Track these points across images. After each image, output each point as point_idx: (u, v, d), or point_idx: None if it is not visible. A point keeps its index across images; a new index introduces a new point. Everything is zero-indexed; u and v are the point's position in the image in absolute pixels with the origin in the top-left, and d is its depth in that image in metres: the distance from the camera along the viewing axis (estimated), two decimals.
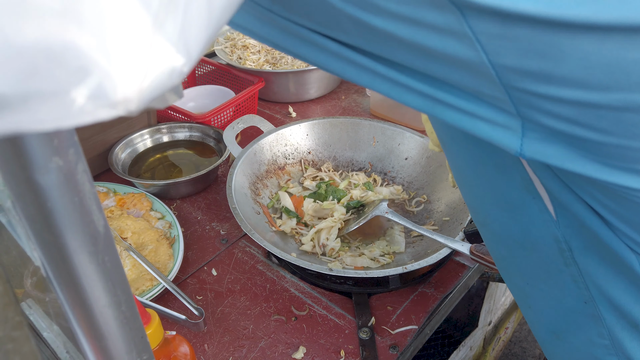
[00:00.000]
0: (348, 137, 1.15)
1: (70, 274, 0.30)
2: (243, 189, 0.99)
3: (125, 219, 0.94)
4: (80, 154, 0.27)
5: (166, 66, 0.21)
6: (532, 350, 1.21)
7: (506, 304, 1.34)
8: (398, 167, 1.11)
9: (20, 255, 0.60)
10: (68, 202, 0.27)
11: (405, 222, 0.91)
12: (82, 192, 0.28)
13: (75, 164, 0.27)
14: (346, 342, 0.80)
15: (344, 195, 1.03)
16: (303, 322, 0.83)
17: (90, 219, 0.29)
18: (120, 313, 0.33)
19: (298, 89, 1.39)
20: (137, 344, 0.35)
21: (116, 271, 0.32)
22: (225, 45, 1.47)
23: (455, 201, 0.97)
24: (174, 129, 1.20)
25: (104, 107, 0.19)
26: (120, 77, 0.19)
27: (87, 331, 0.33)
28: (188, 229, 1.02)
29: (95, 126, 1.07)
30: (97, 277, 0.31)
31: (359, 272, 0.80)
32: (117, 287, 0.32)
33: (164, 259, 0.89)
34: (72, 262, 0.29)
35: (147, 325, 0.52)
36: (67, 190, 0.27)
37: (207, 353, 0.78)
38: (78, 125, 0.21)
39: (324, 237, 0.96)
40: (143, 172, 1.13)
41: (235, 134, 1.08)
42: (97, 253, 0.30)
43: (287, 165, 1.12)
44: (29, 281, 0.64)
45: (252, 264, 0.94)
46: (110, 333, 0.34)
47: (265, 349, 0.79)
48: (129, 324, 0.34)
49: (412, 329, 0.81)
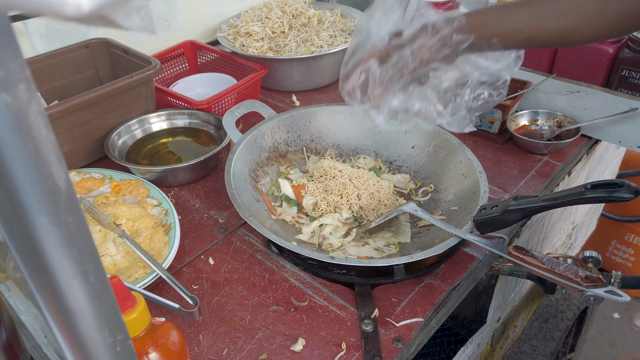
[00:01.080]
0: (352, 124, 1.11)
1: (27, 236, 0.26)
2: (242, 175, 0.96)
3: (120, 205, 0.91)
4: (34, 91, 0.23)
5: None
6: (543, 349, 1.16)
7: (515, 301, 1.29)
8: (404, 155, 1.07)
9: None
10: (20, 149, 0.23)
11: (436, 222, 0.83)
12: (38, 139, 0.24)
13: (28, 102, 0.23)
14: (348, 334, 0.76)
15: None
16: (303, 313, 0.79)
17: (49, 172, 0.25)
18: (88, 285, 0.29)
19: (302, 77, 1.35)
20: (109, 322, 0.31)
21: (82, 236, 0.28)
22: (228, 33, 1.43)
23: (464, 190, 0.92)
24: (174, 115, 1.17)
25: None
26: None
27: (51, 305, 0.29)
28: (185, 216, 0.98)
29: (92, 111, 1.04)
30: (59, 242, 0.27)
31: (362, 261, 0.76)
32: (83, 255, 0.28)
33: (159, 247, 0.85)
34: (29, 222, 0.25)
35: (131, 309, 0.48)
36: (18, 135, 0.23)
37: (201, 344, 0.75)
38: (11, 4, 0.17)
39: (327, 232, 0.92)
40: (141, 159, 1.10)
41: (235, 119, 1.04)
42: (58, 213, 0.26)
43: (289, 152, 1.08)
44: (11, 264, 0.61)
45: (250, 253, 0.90)
46: (78, 308, 0.30)
47: (262, 340, 0.75)
48: (99, 298, 0.30)
49: (417, 322, 0.77)
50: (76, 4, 0.16)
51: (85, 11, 0.17)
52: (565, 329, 1.25)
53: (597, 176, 1.45)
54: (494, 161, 1.12)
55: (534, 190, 1.03)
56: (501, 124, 1.15)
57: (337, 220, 0.93)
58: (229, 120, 1.03)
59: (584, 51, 1.14)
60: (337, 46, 1.34)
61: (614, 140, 1.14)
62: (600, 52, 1.12)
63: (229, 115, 1.04)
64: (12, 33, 0.21)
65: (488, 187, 0.88)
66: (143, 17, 0.23)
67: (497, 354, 1.33)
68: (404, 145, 1.07)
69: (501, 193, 1.02)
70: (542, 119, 1.19)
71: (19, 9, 0.17)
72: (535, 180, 1.06)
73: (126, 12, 0.21)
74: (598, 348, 1.93)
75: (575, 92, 1.15)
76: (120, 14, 0.19)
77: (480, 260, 0.87)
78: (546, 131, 1.17)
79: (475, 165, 0.93)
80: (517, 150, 1.15)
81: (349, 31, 1.43)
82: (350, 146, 1.11)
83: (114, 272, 0.82)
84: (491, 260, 0.89)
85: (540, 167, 1.10)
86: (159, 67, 1.10)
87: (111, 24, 0.21)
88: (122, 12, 0.20)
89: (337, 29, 1.41)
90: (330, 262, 0.78)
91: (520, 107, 1.23)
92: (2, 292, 0.53)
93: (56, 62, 1.15)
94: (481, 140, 1.18)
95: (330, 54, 1.32)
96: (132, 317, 0.48)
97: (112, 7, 0.19)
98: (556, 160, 1.11)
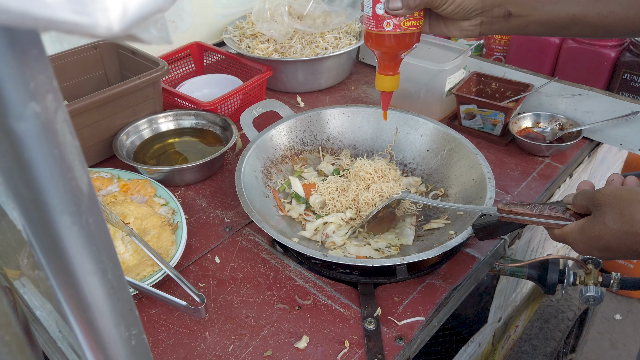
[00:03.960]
0: (369, 126, 1.12)
1: (51, 235, 0.28)
2: (254, 172, 0.98)
3: (129, 204, 0.93)
4: (61, 101, 0.25)
5: None
6: (543, 348, 1.18)
7: (517, 301, 1.30)
8: (419, 158, 1.08)
9: (16, 236, 0.59)
10: (47, 154, 0.25)
11: (425, 200, 0.87)
12: (63, 145, 0.26)
13: (55, 111, 0.24)
14: (351, 332, 0.77)
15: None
16: (307, 311, 0.81)
17: (72, 175, 0.27)
18: (107, 282, 0.31)
19: (307, 79, 1.37)
20: (125, 317, 0.33)
21: (102, 236, 0.29)
22: (234, 34, 1.45)
23: (471, 196, 0.93)
24: (180, 116, 1.19)
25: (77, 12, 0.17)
26: None
27: (71, 301, 0.31)
28: (192, 216, 1.00)
29: (101, 111, 1.06)
30: (81, 241, 0.29)
31: (355, 260, 0.78)
32: (102, 253, 0.30)
33: (167, 245, 0.87)
34: (53, 222, 0.27)
35: None
36: (45, 141, 0.25)
37: (207, 340, 0.76)
38: (47, 25, 0.18)
39: (331, 230, 0.93)
40: (148, 159, 1.12)
41: (253, 117, 1.07)
42: (80, 214, 0.28)
43: (304, 151, 1.10)
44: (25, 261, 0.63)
45: (256, 252, 0.92)
46: (97, 304, 0.32)
47: (267, 337, 0.77)
48: (116, 294, 0.32)
49: (419, 321, 0.78)
50: (107, 25, 0.18)
51: (116, 31, 0.19)
52: (565, 329, 1.26)
53: (600, 178, 1.46)
54: (496, 163, 1.13)
55: (535, 192, 1.04)
56: (503, 126, 1.16)
57: (341, 219, 0.95)
58: (246, 118, 1.05)
59: (586, 55, 1.15)
60: (341, 48, 1.36)
61: (615, 143, 1.15)
62: (602, 55, 1.13)
63: (247, 113, 1.06)
64: (42, 48, 0.23)
65: (495, 194, 0.89)
66: (160, 28, 0.24)
67: (498, 354, 1.34)
68: (420, 148, 1.08)
69: (503, 195, 1.04)
70: (544, 121, 1.20)
71: (54, 29, 0.19)
72: (536, 183, 1.07)
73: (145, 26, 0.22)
74: (599, 349, 1.94)
75: (577, 95, 1.16)
76: (147, 33, 0.21)
77: (481, 260, 0.88)
78: (548, 133, 1.19)
79: (485, 170, 0.93)
80: (519, 152, 1.16)
81: (353, 33, 1.44)
82: (367, 147, 1.12)
83: (122, 269, 0.84)
84: (492, 261, 0.90)
85: (542, 169, 1.11)
86: (166, 68, 1.12)
87: (135, 39, 0.23)
88: (150, 20, 0.22)
89: (341, 31, 1.42)
90: (328, 261, 0.79)
91: (522, 109, 1.24)
92: (17, 288, 0.55)
93: (65, 63, 1.17)
94: (483, 142, 1.20)
95: (335, 56, 1.34)
96: None
97: (139, 26, 0.20)
98: (558, 162, 1.13)
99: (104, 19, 0.18)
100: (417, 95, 1.25)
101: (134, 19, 0.19)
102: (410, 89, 1.25)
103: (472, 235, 0.81)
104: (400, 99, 1.28)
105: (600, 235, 0.62)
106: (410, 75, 1.23)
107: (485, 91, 1.26)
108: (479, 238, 0.82)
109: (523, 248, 1.11)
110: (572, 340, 1.47)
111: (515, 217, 0.74)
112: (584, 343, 1.61)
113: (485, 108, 1.16)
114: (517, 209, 0.73)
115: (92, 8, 0.17)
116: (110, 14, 0.18)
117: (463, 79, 1.25)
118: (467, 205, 0.85)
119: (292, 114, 1.09)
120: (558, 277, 0.87)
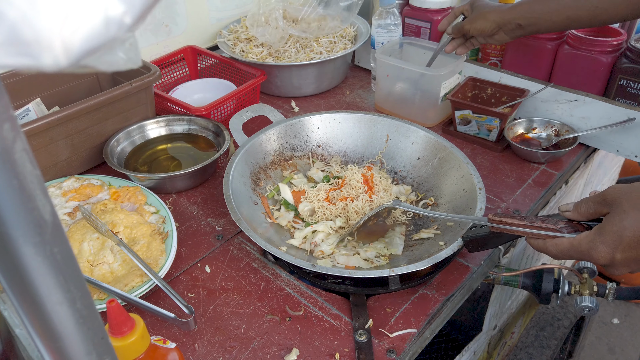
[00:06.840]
0: (361, 132, 1.11)
1: (15, 267, 0.27)
2: (243, 178, 0.96)
3: (118, 212, 0.91)
4: (19, 130, 0.24)
5: (100, 14, 0.18)
6: (539, 357, 1.17)
7: (512, 308, 1.29)
8: (409, 166, 1.07)
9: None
10: (6, 185, 0.24)
11: (416, 209, 0.86)
12: (23, 175, 0.24)
13: (13, 141, 0.23)
14: (342, 344, 0.76)
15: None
16: (297, 322, 0.80)
17: (34, 205, 0.25)
18: (76, 311, 0.30)
19: (301, 83, 1.36)
20: (96, 345, 0.32)
21: (68, 264, 0.28)
22: (228, 38, 1.44)
23: (461, 206, 0.92)
24: (173, 122, 1.18)
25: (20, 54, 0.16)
26: (39, 21, 0.16)
27: (40, 331, 0.30)
28: (183, 224, 0.99)
29: (92, 118, 1.05)
30: (46, 271, 0.28)
31: (343, 271, 0.76)
32: (69, 283, 0.29)
33: (156, 255, 0.86)
34: (16, 253, 0.26)
35: (130, 332, 0.49)
36: (3, 172, 0.24)
37: (196, 353, 0.75)
38: None
39: (319, 239, 0.92)
40: (140, 165, 1.11)
41: (242, 122, 1.05)
42: (44, 244, 0.27)
43: (294, 157, 1.09)
44: None
45: (247, 261, 0.90)
46: (66, 333, 0.31)
47: (256, 350, 0.76)
48: (86, 323, 0.31)
49: (411, 333, 0.77)
50: (53, 63, 0.17)
51: (64, 66, 0.18)
52: (561, 337, 1.25)
53: (596, 183, 1.45)
54: (491, 169, 1.12)
55: (530, 200, 1.03)
56: (499, 132, 1.15)
57: (330, 227, 0.94)
58: (235, 123, 1.04)
59: (582, 60, 1.14)
60: (336, 52, 1.35)
61: (611, 149, 1.14)
62: (598, 61, 1.12)
63: (236, 118, 1.05)
64: None
65: (485, 205, 0.87)
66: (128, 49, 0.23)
67: None
68: (410, 156, 1.07)
69: (497, 202, 1.03)
70: (539, 127, 1.19)
71: (2, 68, 0.18)
72: (532, 190, 1.06)
73: (109, 48, 0.21)
74: (597, 354, 1.93)
75: (574, 100, 1.15)
76: (103, 50, 0.20)
77: (475, 270, 0.87)
78: (544, 140, 1.17)
79: (475, 181, 0.92)
80: (514, 158, 1.15)
81: (348, 37, 1.43)
82: (357, 154, 1.11)
83: (110, 280, 0.83)
84: (486, 270, 0.89)
85: (537, 175, 1.10)
86: (158, 74, 1.11)
87: (91, 69, 0.22)
88: (104, 48, 0.20)
89: (337, 35, 1.41)
90: (316, 271, 0.78)
91: (518, 115, 1.23)
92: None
93: None
94: (479, 148, 1.19)
95: (330, 60, 1.33)
96: (131, 340, 0.49)
97: (91, 57, 0.19)
98: (553, 169, 1.12)
99: (49, 57, 0.17)
100: (412, 100, 1.24)
101: (81, 53, 0.17)
102: (405, 94, 1.24)
103: (462, 247, 0.80)
104: (395, 104, 1.27)
105: (624, 226, 0.59)
106: (405, 80, 1.22)
107: (480, 96, 1.25)
108: (468, 250, 0.81)
109: (518, 256, 1.10)
110: (568, 345, 1.46)
111: (505, 227, 0.73)
112: (581, 348, 1.60)
113: (480, 114, 1.14)
114: (507, 219, 0.72)
115: (36, 49, 0.16)
116: (55, 52, 0.17)
117: (458, 84, 1.24)
118: (458, 215, 0.84)
119: (282, 118, 1.08)
120: (553, 286, 0.86)
